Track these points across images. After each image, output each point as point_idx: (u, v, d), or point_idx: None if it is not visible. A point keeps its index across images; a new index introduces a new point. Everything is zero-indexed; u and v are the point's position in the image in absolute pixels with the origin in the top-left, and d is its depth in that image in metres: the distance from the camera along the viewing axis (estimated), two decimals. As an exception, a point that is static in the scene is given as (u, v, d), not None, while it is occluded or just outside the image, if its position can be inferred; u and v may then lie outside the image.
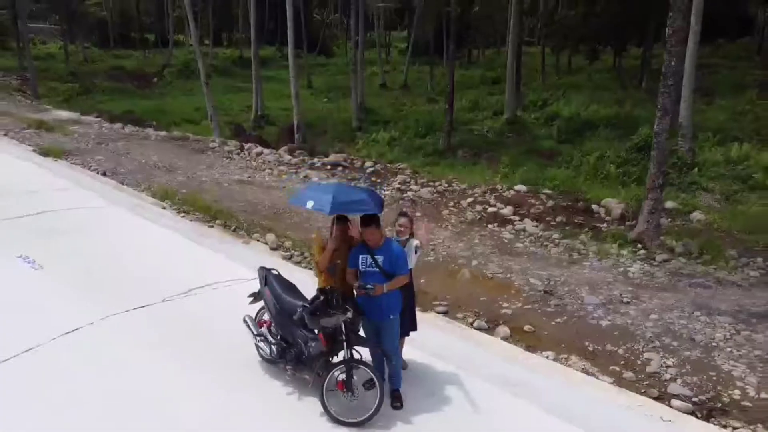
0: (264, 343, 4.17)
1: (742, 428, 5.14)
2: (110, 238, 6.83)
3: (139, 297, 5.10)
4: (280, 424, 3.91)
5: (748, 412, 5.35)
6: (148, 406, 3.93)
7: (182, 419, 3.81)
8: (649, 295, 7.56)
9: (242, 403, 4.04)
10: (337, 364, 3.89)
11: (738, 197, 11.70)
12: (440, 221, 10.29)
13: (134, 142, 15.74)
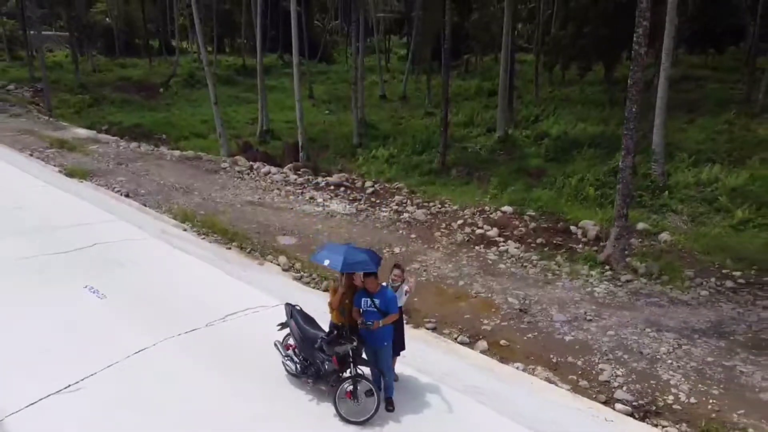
0: (290, 362, 5.43)
1: (670, 427, 6.42)
2: (154, 268, 8.10)
3: (186, 322, 6.35)
4: (304, 422, 5.18)
5: (677, 414, 6.62)
6: (208, 409, 5.18)
7: (234, 420, 5.08)
8: (610, 313, 8.82)
9: (277, 408, 5.30)
10: (346, 378, 5.13)
11: (703, 219, 12.95)
12: (432, 243, 11.55)
13: (151, 162, 17.01)
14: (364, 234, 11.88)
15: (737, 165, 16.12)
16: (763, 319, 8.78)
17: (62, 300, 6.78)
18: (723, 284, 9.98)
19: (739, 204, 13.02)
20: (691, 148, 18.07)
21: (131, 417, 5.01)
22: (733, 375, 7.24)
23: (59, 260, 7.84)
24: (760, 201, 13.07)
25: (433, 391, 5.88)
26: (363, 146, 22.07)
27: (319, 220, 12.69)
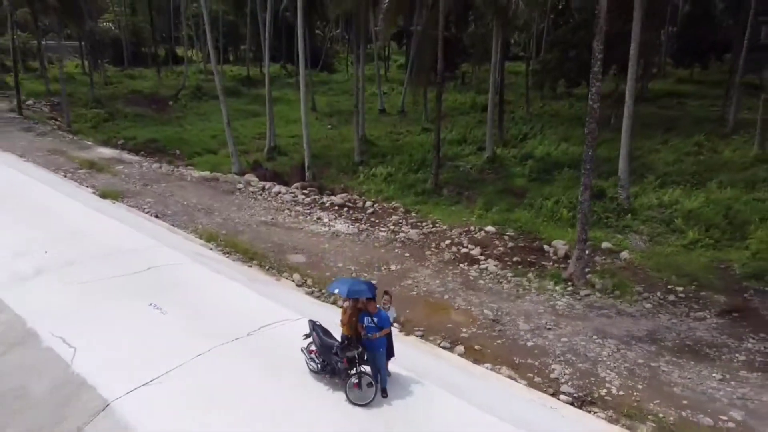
0: (312, 363, 7.37)
1: (600, 412, 8.39)
2: (199, 288, 10.04)
3: (231, 332, 8.30)
4: (324, 406, 7.13)
5: (607, 403, 8.59)
6: (253, 397, 7.14)
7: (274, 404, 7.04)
8: (566, 323, 10.80)
9: (304, 396, 7.26)
10: (353, 374, 7.07)
11: (659, 239, 14.93)
12: (423, 261, 13.53)
13: (174, 183, 19.00)
14: (364, 253, 13.87)
15: (698, 187, 18.12)
16: (692, 328, 10.78)
17: (135, 314, 8.74)
18: (666, 298, 11.97)
19: (692, 225, 15.00)
20: (661, 170, 20.08)
21: (198, 403, 6.96)
22: (656, 373, 9.23)
23: (124, 282, 9.80)
24: (710, 223, 15.06)
25: (418, 384, 7.85)
26: (363, 164, 23.98)
27: (326, 239, 14.68)
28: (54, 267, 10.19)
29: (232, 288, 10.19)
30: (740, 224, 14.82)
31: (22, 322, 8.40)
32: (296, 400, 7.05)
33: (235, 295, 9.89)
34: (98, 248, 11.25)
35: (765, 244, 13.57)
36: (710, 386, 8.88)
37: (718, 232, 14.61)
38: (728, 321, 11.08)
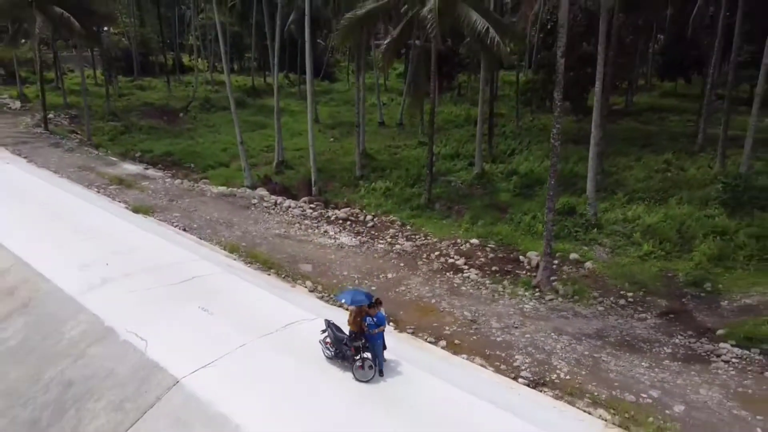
0: (327, 351, 9.80)
1: (548, 391, 10.85)
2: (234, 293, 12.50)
3: (264, 329, 10.74)
4: (336, 383, 9.57)
5: (555, 385, 11.04)
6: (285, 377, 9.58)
7: (300, 381, 9.47)
8: (531, 323, 13.28)
9: (321, 375, 9.72)
10: (358, 359, 9.52)
11: (620, 251, 17.40)
12: (415, 270, 16.02)
13: (196, 199, 21.49)
14: (365, 263, 16.36)
15: (661, 203, 20.59)
16: (633, 327, 13.25)
17: (188, 315, 11.20)
18: (617, 302, 14.46)
19: (648, 239, 17.48)
20: (630, 187, 22.55)
21: (243, 380, 9.39)
22: (597, 363, 11.70)
23: (176, 289, 12.26)
24: (664, 237, 17.54)
25: (407, 368, 10.31)
26: (364, 178, 26.44)
27: (332, 251, 17.16)
28: (116, 277, 12.66)
29: (259, 293, 12.67)
30: (689, 238, 17.31)
31: (100, 321, 10.87)
32: (316, 378, 9.53)
33: (262, 299, 12.37)
34: (148, 261, 13.73)
35: (706, 256, 16.08)
36: (638, 372, 11.36)
37: (670, 245, 17.10)
38: (665, 321, 13.57)
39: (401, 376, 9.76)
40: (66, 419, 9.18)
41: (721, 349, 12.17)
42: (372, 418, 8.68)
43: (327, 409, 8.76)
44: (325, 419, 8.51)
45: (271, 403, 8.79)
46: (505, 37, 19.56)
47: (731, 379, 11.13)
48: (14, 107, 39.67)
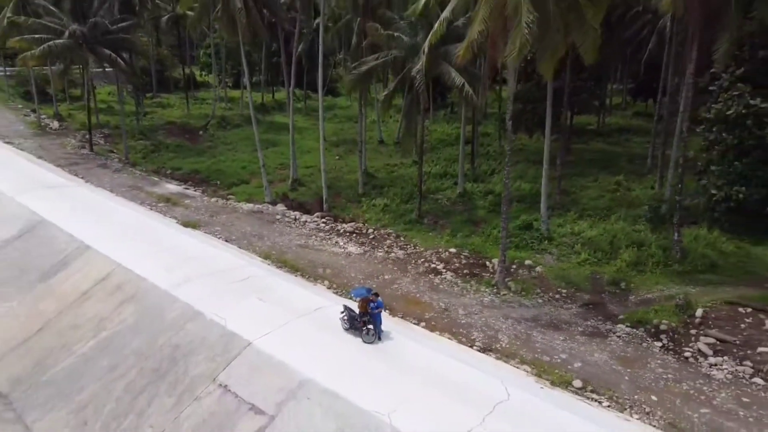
0: (345, 324, 15.08)
1: (493, 354, 16.28)
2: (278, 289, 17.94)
3: (302, 311, 16.18)
4: (350, 344, 14.95)
5: (498, 351, 16.44)
6: (319, 341, 14.96)
7: (329, 345, 14.86)
8: (487, 311, 18.71)
9: (339, 340, 15.08)
10: (365, 329, 14.89)
11: (564, 258, 22.81)
12: (406, 273, 21.45)
13: (231, 215, 26.94)
14: (368, 267, 21.79)
15: (604, 220, 26.00)
16: (560, 313, 18.67)
17: (250, 303, 16.62)
18: (553, 297, 19.89)
19: (586, 249, 22.90)
20: (583, 205, 27.99)
21: (290, 343, 14.80)
22: (529, 337, 17.12)
23: (237, 286, 17.69)
24: (598, 247, 22.95)
25: (397, 337, 15.72)
26: (366, 195, 31.85)
27: (342, 258, 22.60)
28: (193, 278, 18.08)
29: (294, 288, 18.13)
30: (617, 248, 22.71)
31: (191, 307, 16.29)
32: (338, 340, 14.96)
33: (296, 292, 17.82)
34: (212, 266, 19.17)
35: (626, 263, 21.51)
36: (556, 343, 16.78)
37: (601, 254, 22.52)
38: (584, 310, 19.01)
39: (392, 341, 15.20)
40: (178, 367, 14.62)
41: (617, 329, 17.61)
42: (372, 362, 14.10)
43: (345, 357, 14.20)
44: (344, 363, 13.94)
45: (310, 355, 14.20)
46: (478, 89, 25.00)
47: (618, 348, 16.58)
48: (54, 127, 45.01)
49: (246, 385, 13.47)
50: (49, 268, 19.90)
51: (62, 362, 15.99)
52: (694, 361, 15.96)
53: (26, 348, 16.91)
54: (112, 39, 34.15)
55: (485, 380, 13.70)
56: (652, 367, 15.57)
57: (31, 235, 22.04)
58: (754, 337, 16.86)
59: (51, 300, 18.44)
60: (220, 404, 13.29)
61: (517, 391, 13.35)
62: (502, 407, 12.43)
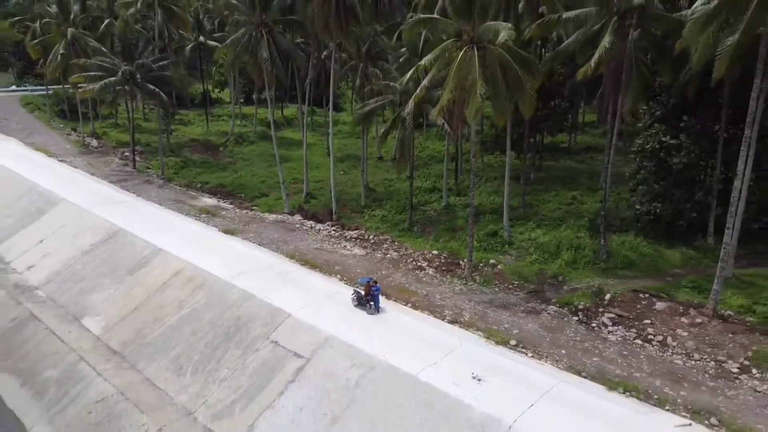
0: (354, 302, 22.19)
1: (459, 324, 23.55)
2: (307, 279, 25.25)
3: (324, 294, 23.29)
4: (357, 316, 22.18)
5: (462, 322, 23.70)
6: (337, 313, 22.16)
7: (343, 314, 22.05)
8: (457, 296, 26.01)
9: (352, 312, 22.27)
10: (368, 305, 22.12)
11: (520, 258, 30.07)
12: (398, 269, 28.77)
13: (259, 224, 34.24)
14: (369, 265, 29.08)
15: (556, 228, 33.28)
16: (510, 298, 25.95)
17: (289, 290, 23.81)
18: (507, 287, 27.19)
19: (537, 251, 30.17)
20: (541, 216, 35.26)
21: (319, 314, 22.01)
22: (485, 314, 24.39)
23: (277, 278, 24.89)
24: (547, 250, 30.20)
25: (390, 311, 22.95)
26: (367, 206, 39.13)
27: (350, 258, 29.90)
28: (243, 272, 25.34)
29: (317, 280, 25.45)
30: (561, 251, 29.96)
31: (246, 292, 23.55)
32: (349, 313, 22.25)
33: (318, 282, 25.13)
34: (255, 264, 26.48)
35: (565, 262, 28.77)
36: (503, 318, 24.05)
37: (548, 255, 29.78)
38: (528, 296, 26.28)
39: (387, 314, 22.50)
40: (241, 331, 21.91)
41: (549, 308, 24.88)
42: (373, 326, 21.35)
43: (355, 323, 21.48)
44: (354, 326, 21.17)
45: (331, 321, 21.44)
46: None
47: (546, 321, 23.86)
48: (94, 145, 52.34)
49: (290, 340, 20.76)
50: (133, 266, 27.21)
51: (156, 331, 23.29)
52: (598, 329, 23.28)
53: (127, 322, 24.21)
54: (154, 76, 41.47)
55: (448, 338, 20.99)
56: (567, 333, 22.88)
57: (113, 240, 29.32)
58: (644, 314, 24.19)
59: (139, 288, 25.74)
60: (273, 353, 20.58)
61: (469, 344, 20.67)
62: (456, 351, 19.72)
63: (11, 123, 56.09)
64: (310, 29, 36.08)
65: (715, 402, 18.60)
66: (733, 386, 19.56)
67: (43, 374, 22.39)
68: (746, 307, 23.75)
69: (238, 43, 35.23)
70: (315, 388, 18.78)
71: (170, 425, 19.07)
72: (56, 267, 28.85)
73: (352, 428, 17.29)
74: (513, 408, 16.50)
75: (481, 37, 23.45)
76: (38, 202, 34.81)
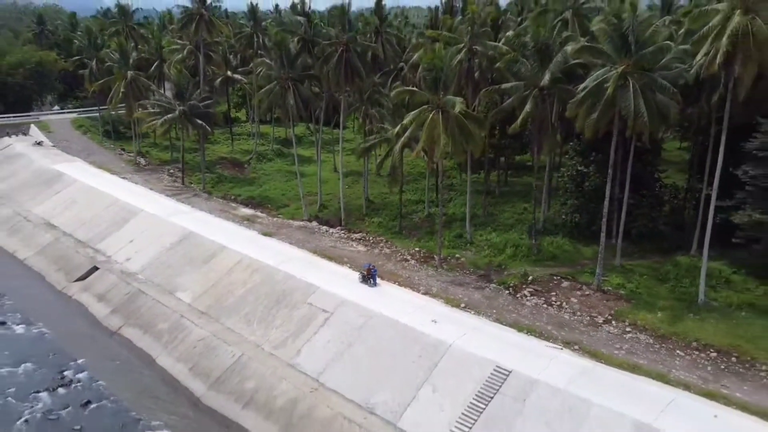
0: (360, 279, 35.01)
1: (430, 296, 36.52)
2: (328, 267, 38.13)
3: (341, 276, 36.17)
4: (362, 287, 34.96)
5: (431, 294, 36.64)
6: (350, 286, 34.99)
7: (351, 288, 34.90)
8: (430, 278, 39.03)
9: (358, 286, 35.04)
10: (369, 281, 35.02)
11: (477, 253, 42.99)
12: (390, 261, 41.82)
13: (289, 228, 47.28)
14: (370, 258, 42.05)
15: (506, 232, 46.21)
16: (465, 279, 38.94)
17: (318, 272, 36.79)
18: (465, 273, 40.20)
19: (489, 248, 43.15)
20: (498, 222, 48.21)
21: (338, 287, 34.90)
22: (447, 289, 37.37)
23: (309, 266, 37.65)
24: (497, 247, 43.16)
25: (384, 285, 35.83)
26: (367, 215, 52.06)
27: (356, 253, 42.91)
28: (283, 261, 38.25)
29: (334, 267, 38.43)
30: (506, 247, 42.85)
31: (288, 273, 36.38)
32: (356, 286, 35.10)
33: (335, 269, 38.10)
34: (291, 255, 39.50)
35: (507, 255, 41.76)
36: (459, 291, 36.99)
37: (497, 251, 42.68)
38: (477, 278, 39.26)
39: (381, 287, 35.50)
40: (287, 298, 34.87)
41: (491, 286, 37.86)
42: (372, 294, 34.18)
43: (361, 292, 34.33)
44: (360, 294, 33.99)
45: (345, 291, 34.28)
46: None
47: (487, 293, 36.84)
48: (143, 163, 65.33)
49: (320, 302, 33.69)
50: (205, 257, 40.16)
51: (230, 299, 36.24)
52: (520, 298, 36.27)
53: (208, 294, 37.17)
54: (201, 113, 54.56)
55: (420, 301, 34.02)
56: (499, 301, 35.87)
57: (186, 240, 42.29)
58: (552, 289, 37.22)
59: (213, 273, 38.70)
60: (309, 310, 33.53)
61: (433, 305, 33.68)
62: (424, 308, 32.69)
63: (72, 144, 69.09)
64: (324, 83, 49.00)
65: (581, 338, 31.60)
66: (596, 330, 32.60)
67: (157, 326, 35.40)
68: (621, 284, 36.77)
69: (270, 92, 48.27)
70: (336, 329, 31.71)
71: (247, 352, 32.01)
72: (147, 259, 41.82)
73: (360, 350, 30.21)
74: (453, 336, 29.41)
75: (444, 105, 36.48)
76: (121, 212, 47.80)
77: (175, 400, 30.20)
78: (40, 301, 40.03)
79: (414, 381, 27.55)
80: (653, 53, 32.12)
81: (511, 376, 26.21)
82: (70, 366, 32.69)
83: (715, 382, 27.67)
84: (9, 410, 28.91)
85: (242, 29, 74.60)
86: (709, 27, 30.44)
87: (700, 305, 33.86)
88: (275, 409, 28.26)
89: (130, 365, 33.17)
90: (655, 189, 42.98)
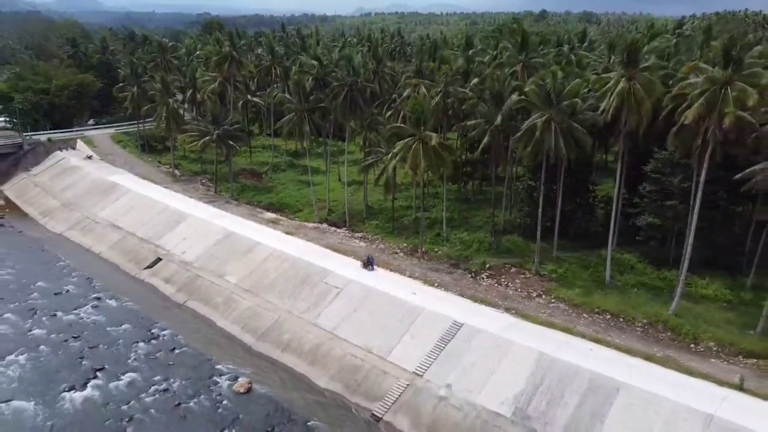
0: (362, 266, 49.16)
1: (412, 278, 50.88)
2: (339, 259, 52.33)
3: (347, 263, 50.29)
4: (363, 271, 49.15)
5: (414, 277, 50.98)
6: (355, 269, 49.25)
7: (357, 271, 49.11)
8: (415, 267, 53.38)
9: (361, 271, 49.18)
10: (369, 267, 49.29)
11: (452, 248, 57.15)
12: (384, 253, 56.21)
13: (305, 229, 61.63)
14: (369, 251, 56.39)
15: (476, 231, 60.53)
16: (441, 267, 53.37)
17: (329, 261, 50.96)
18: (441, 262, 54.55)
19: (462, 243, 57.52)
20: (470, 224, 62.55)
21: (346, 272, 49.17)
22: (426, 273, 51.71)
23: (326, 257, 52.10)
24: (468, 244, 57.50)
25: (379, 270, 50.13)
26: (367, 218, 66.36)
27: (358, 248, 57.24)
28: (305, 253, 52.56)
29: (343, 258, 52.74)
30: (474, 243, 57.27)
31: (309, 262, 50.84)
32: (359, 271, 49.31)
33: (344, 258, 52.40)
34: (309, 250, 53.81)
35: (475, 249, 56.16)
36: (434, 275, 51.33)
37: (466, 246, 57.06)
38: (450, 266, 53.63)
39: (377, 272, 49.79)
40: (309, 279, 49.26)
41: (458, 271, 52.21)
42: (371, 276, 48.47)
43: (363, 274, 48.48)
44: (362, 276, 48.12)
45: (352, 274, 48.49)
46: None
47: (454, 276, 51.20)
48: (178, 174, 79.62)
49: (333, 282, 47.92)
50: (244, 251, 54.43)
51: (265, 281, 50.53)
52: (479, 280, 50.65)
53: (249, 277, 51.46)
54: (232, 135, 68.95)
55: (405, 282, 48.42)
56: (463, 282, 50.20)
57: (228, 238, 56.58)
58: (503, 273, 51.62)
59: (251, 263, 52.99)
60: (325, 287, 47.82)
61: (414, 284, 48.09)
62: (409, 285, 47.10)
63: (116, 158, 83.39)
64: (332, 113, 63.43)
65: (518, 306, 45.99)
66: (529, 301, 47.06)
67: (214, 300, 49.80)
68: (553, 270, 51.20)
69: (290, 121, 62.68)
70: (345, 299, 46.02)
71: (282, 315, 46.33)
72: (199, 252, 56.16)
73: (362, 313, 44.51)
74: (426, 303, 43.75)
75: (424, 138, 50.87)
76: (173, 216, 62.11)
77: (234, 348, 44.53)
78: (121, 283, 54.42)
79: (399, 332, 41.88)
80: (569, 105, 46.56)
81: (463, 327, 40.55)
82: (155, 326, 47.00)
83: (604, 333, 42.06)
84: (121, 354, 43.17)
85: (261, 61, 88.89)
86: (605, 88, 44.94)
87: (607, 284, 48.28)
88: (304, 351, 42.61)
89: (198, 326, 47.52)
90: (588, 199, 57.45)
